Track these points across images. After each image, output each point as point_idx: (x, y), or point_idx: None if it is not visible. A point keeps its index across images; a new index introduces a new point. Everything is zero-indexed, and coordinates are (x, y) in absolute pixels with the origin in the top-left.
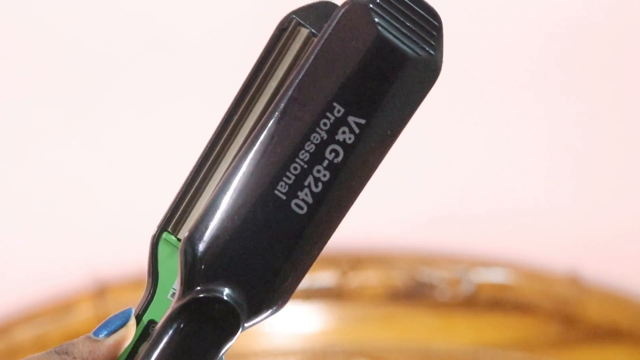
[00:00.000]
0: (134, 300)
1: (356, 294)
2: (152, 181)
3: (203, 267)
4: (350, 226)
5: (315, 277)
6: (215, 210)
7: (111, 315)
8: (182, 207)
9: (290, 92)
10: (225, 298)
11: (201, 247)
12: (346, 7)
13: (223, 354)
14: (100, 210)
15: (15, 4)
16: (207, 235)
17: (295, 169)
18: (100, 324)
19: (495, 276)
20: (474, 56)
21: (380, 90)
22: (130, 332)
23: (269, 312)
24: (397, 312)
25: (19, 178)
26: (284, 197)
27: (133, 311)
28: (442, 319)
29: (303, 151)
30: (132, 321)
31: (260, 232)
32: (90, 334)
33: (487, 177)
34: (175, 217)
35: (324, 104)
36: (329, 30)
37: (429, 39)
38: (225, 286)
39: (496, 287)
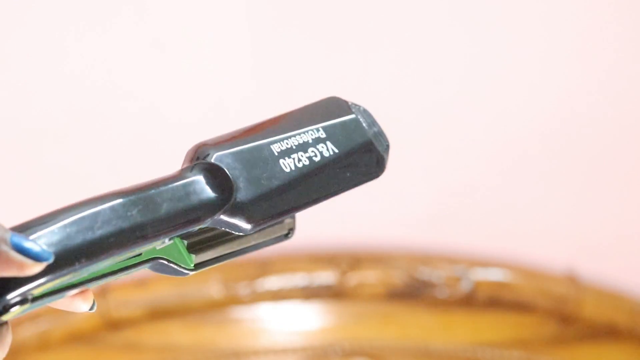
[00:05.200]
0: (136, 299)
1: (355, 292)
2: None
3: (217, 154)
4: (350, 225)
5: (315, 276)
6: (235, 135)
7: (37, 243)
8: None
9: (311, 109)
10: (228, 173)
11: (214, 144)
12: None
13: (202, 226)
14: None
15: (16, 5)
16: (222, 142)
17: (288, 144)
18: (26, 231)
19: (493, 275)
20: (469, 58)
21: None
22: (32, 271)
23: (242, 222)
24: (396, 310)
25: (20, 176)
26: (276, 154)
27: (51, 259)
28: (440, 318)
29: (298, 136)
30: (42, 266)
31: (258, 165)
32: (9, 239)
33: (486, 176)
34: None
35: (316, 125)
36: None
37: (385, 147)
38: (227, 170)
39: (494, 286)
